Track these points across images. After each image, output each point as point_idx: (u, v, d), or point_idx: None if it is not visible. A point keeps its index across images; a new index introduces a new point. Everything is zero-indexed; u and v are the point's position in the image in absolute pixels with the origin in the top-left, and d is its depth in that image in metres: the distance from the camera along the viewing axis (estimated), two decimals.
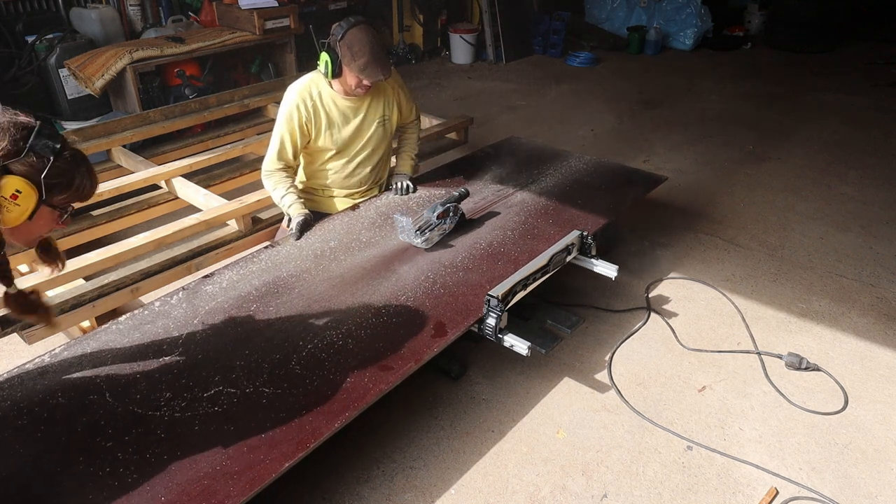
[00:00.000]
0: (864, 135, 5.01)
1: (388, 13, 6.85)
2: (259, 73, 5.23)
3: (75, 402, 1.70)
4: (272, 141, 2.59)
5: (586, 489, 2.05)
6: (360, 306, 2.11)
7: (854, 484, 2.09)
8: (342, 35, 2.40)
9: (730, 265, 3.26)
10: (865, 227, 3.66)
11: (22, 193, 1.32)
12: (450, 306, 2.13)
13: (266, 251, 2.41)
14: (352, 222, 2.62)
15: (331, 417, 1.68)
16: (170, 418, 1.66)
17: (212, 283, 2.22)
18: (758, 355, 2.64)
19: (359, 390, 1.77)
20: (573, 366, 2.56)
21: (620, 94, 6.06)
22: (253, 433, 1.63)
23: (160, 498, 1.46)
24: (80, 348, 1.89)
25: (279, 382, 1.79)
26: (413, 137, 2.99)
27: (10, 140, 1.31)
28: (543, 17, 7.32)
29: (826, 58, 7.21)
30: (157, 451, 1.57)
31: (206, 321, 2.03)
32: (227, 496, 1.46)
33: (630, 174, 3.28)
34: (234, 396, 1.74)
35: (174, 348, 1.91)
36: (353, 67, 2.41)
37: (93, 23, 4.60)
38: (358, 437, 2.19)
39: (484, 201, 2.83)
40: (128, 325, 2.00)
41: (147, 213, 3.21)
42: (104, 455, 1.56)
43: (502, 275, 2.26)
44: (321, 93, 2.56)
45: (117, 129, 3.75)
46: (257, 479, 1.51)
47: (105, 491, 1.47)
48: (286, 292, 2.17)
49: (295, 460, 1.56)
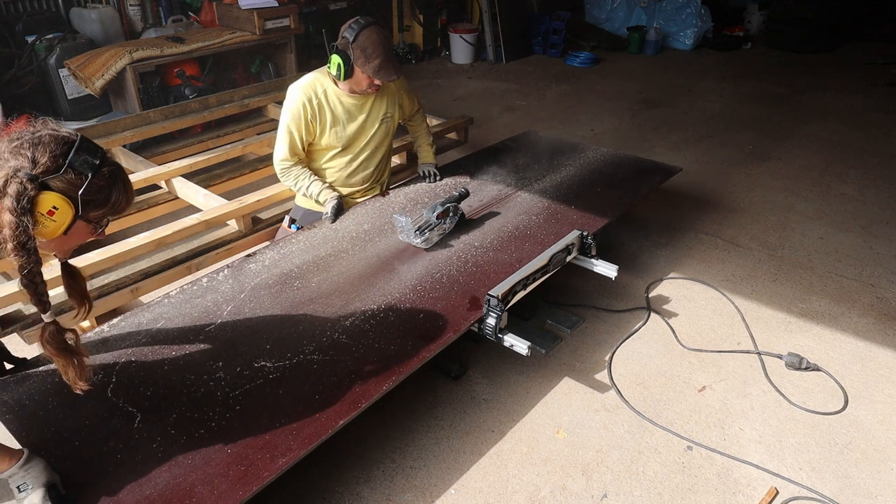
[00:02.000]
0: (864, 135, 5.01)
1: (388, 13, 6.85)
2: (259, 73, 5.23)
3: (136, 369, 1.81)
4: (280, 139, 2.59)
5: (586, 489, 2.05)
6: (398, 283, 2.25)
7: (854, 484, 2.09)
8: (354, 37, 2.40)
9: (730, 265, 3.26)
10: (865, 227, 3.66)
11: (58, 210, 1.31)
12: (482, 282, 2.26)
13: (303, 234, 2.53)
14: (383, 207, 2.74)
15: (379, 381, 1.80)
16: (226, 383, 1.77)
17: (254, 261, 2.35)
18: (758, 355, 2.64)
19: (403, 356, 1.90)
20: (573, 366, 2.56)
21: (620, 94, 6.06)
22: (307, 395, 1.75)
23: (226, 451, 1.57)
24: (135, 319, 2.02)
25: (327, 350, 1.91)
26: (423, 126, 3.05)
27: (49, 156, 1.30)
28: (543, 17, 7.32)
29: (826, 58, 7.22)
30: (217, 411, 1.68)
31: (253, 296, 2.15)
32: (288, 449, 1.58)
33: (645, 165, 3.36)
34: (286, 363, 1.86)
35: (225, 319, 2.03)
36: (366, 69, 2.43)
37: (93, 23, 4.60)
38: (358, 437, 2.19)
39: (509, 188, 2.95)
40: (179, 298, 2.13)
41: (147, 213, 3.20)
42: (168, 416, 1.66)
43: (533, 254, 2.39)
44: (326, 91, 2.57)
45: (117, 129, 3.75)
46: (315, 434, 1.62)
47: (174, 445, 1.58)
48: (326, 270, 2.30)
49: (349, 418, 1.68)
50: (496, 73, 6.74)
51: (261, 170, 3.59)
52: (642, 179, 3.15)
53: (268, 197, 2.97)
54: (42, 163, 1.29)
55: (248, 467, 1.53)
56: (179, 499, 1.45)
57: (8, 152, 1.30)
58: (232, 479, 1.50)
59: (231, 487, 1.48)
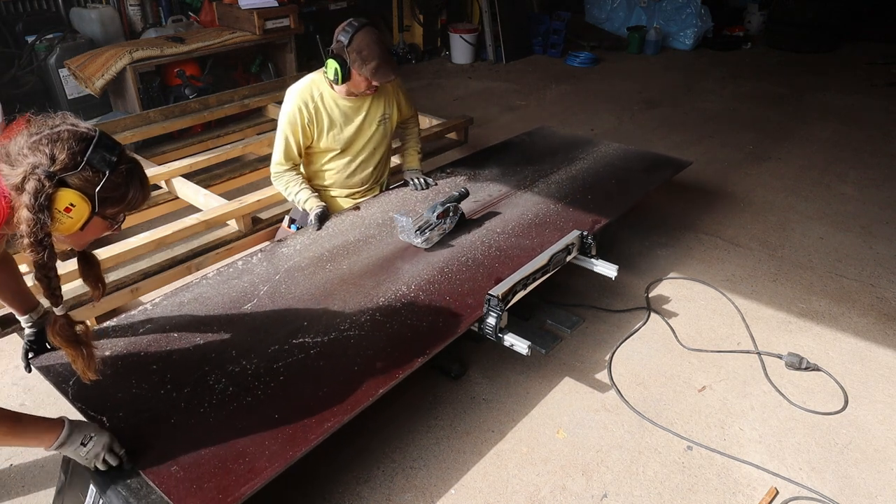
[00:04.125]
0: (864, 135, 5.01)
1: (388, 13, 6.85)
2: (259, 73, 5.23)
3: (183, 343, 1.90)
4: (277, 143, 2.60)
5: (586, 489, 2.05)
6: (425, 265, 2.33)
7: (854, 484, 2.09)
8: (349, 40, 2.40)
9: (730, 265, 3.26)
10: (865, 227, 3.66)
11: (75, 207, 1.32)
12: (506, 265, 2.34)
13: (332, 221, 2.59)
14: (406, 196, 2.82)
15: (414, 354, 1.88)
16: (268, 357, 1.85)
17: (286, 245, 2.42)
18: (758, 355, 2.64)
19: (436, 333, 1.98)
20: (573, 366, 2.56)
21: (620, 94, 6.06)
22: (346, 367, 1.83)
23: (273, 416, 1.64)
24: (176, 299, 2.10)
25: (362, 326, 2.00)
26: (415, 132, 3.01)
27: (68, 153, 1.31)
28: (543, 17, 7.33)
29: (826, 58, 7.22)
30: (263, 380, 1.76)
31: (288, 277, 2.23)
32: (332, 414, 1.66)
33: (656, 159, 3.42)
34: (324, 338, 1.94)
35: (262, 299, 2.11)
36: (363, 71, 2.42)
37: (93, 23, 4.60)
38: (358, 437, 2.19)
39: (526, 180, 3.03)
40: (216, 279, 2.20)
41: (147, 213, 3.21)
42: (215, 386, 1.74)
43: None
44: (322, 94, 2.57)
45: (117, 129, 3.75)
46: (357, 401, 1.70)
47: (223, 412, 1.66)
48: (355, 254, 2.39)
49: (387, 387, 1.76)
50: (496, 73, 6.74)
51: (261, 170, 3.59)
52: (654, 172, 3.23)
53: (268, 197, 2.97)
54: (60, 160, 1.30)
55: (295, 431, 1.61)
56: (233, 459, 1.52)
57: (27, 147, 1.30)
58: (281, 441, 1.57)
59: (281, 448, 1.55)
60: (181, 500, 1.41)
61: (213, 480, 1.46)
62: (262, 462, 1.51)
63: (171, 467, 1.49)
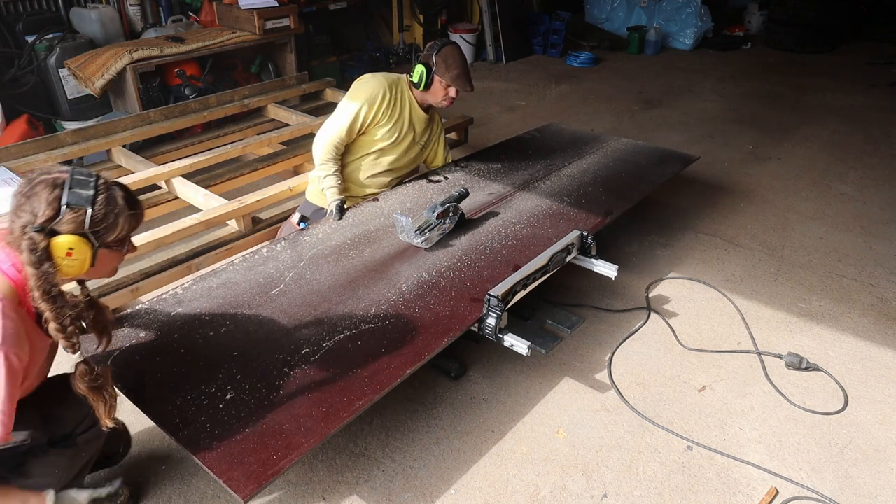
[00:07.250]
0: (864, 135, 5.01)
1: (388, 13, 6.85)
2: (259, 73, 5.22)
3: (216, 325, 2.00)
4: (341, 117, 2.62)
5: (586, 489, 2.05)
6: (444, 252, 2.44)
7: (854, 484, 2.09)
8: (438, 50, 2.65)
9: (730, 265, 3.26)
10: (865, 227, 3.66)
11: (75, 249, 1.38)
12: (523, 253, 2.43)
13: (351, 211, 2.67)
14: (424, 188, 2.90)
15: (438, 336, 1.98)
16: (299, 340, 1.94)
17: (308, 234, 2.51)
18: (758, 355, 2.64)
19: (458, 317, 2.09)
20: (573, 366, 2.56)
21: (620, 94, 6.06)
22: (374, 349, 1.92)
23: (308, 395, 1.74)
24: (205, 284, 2.19)
25: (387, 310, 2.10)
26: None
27: (46, 203, 1.36)
28: (543, 17, 7.32)
29: (826, 58, 7.22)
30: (295, 361, 1.86)
31: (312, 264, 2.32)
32: (363, 393, 1.75)
33: (665, 153, 3.53)
34: (351, 321, 2.03)
35: (288, 284, 2.20)
36: (446, 77, 2.64)
37: (93, 23, 4.59)
38: (358, 437, 2.19)
39: (537, 174, 3.16)
40: (242, 265, 2.30)
41: (147, 213, 3.19)
42: (249, 365, 1.84)
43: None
44: (403, 91, 2.73)
45: (117, 129, 3.75)
46: (386, 381, 1.79)
47: (261, 391, 1.75)
48: (376, 242, 2.48)
49: (415, 367, 1.85)
50: (496, 73, 6.73)
51: (261, 170, 3.59)
52: (664, 166, 3.33)
53: (268, 197, 2.97)
54: (42, 212, 1.36)
55: (328, 408, 1.70)
56: (271, 435, 1.62)
57: (14, 214, 1.37)
58: (315, 418, 1.67)
59: (316, 425, 1.65)
60: (224, 474, 1.50)
61: (254, 455, 1.56)
62: (298, 438, 1.61)
63: (212, 443, 1.58)
